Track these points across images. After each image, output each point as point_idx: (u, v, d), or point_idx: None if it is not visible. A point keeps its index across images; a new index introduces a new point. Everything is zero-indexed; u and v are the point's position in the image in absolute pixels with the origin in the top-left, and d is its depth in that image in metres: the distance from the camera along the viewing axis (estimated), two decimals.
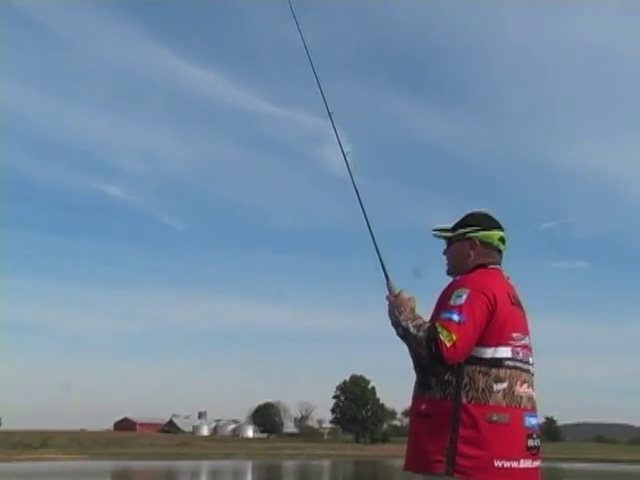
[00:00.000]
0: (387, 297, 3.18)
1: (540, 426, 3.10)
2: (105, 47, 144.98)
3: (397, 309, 3.05)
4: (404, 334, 2.97)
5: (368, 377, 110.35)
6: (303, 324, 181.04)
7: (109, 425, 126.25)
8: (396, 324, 3.02)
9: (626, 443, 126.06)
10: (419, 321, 2.96)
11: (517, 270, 3.24)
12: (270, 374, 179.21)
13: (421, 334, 2.87)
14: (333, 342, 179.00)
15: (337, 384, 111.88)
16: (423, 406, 2.97)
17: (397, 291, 3.17)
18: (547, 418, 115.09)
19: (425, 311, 3.08)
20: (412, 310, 3.05)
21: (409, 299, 3.11)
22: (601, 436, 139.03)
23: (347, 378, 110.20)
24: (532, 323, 3.16)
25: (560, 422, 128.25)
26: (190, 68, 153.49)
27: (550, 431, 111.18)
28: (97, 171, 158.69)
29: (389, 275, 3.26)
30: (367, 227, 3.36)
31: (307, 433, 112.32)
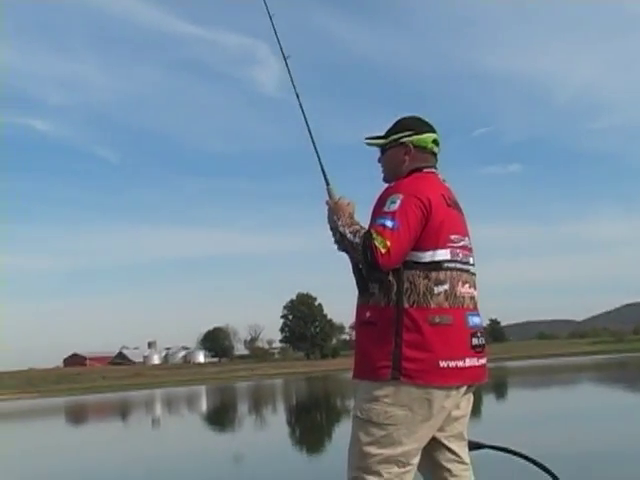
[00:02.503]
0: (327, 202, 3.14)
1: (484, 326, 3.13)
2: None
3: (336, 214, 3.01)
4: (341, 240, 2.94)
5: (314, 294, 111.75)
6: (244, 248, 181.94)
7: (58, 362, 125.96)
8: (334, 230, 2.99)
9: (566, 337, 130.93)
10: (356, 227, 2.93)
11: (452, 177, 3.21)
12: (216, 299, 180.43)
13: (357, 240, 2.85)
14: (276, 263, 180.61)
15: (284, 304, 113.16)
16: (367, 314, 2.95)
17: (337, 197, 3.13)
18: (491, 320, 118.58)
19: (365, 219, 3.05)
20: (351, 216, 3.01)
21: (348, 204, 3.07)
22: (543, 333, 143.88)
23: (294, 297, 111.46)
24: (470, 229, 3.13)
25: (504, 323, 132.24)
26: None
27: (494, 332, 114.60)
28: (21, 105, 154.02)
29: (329, 180, 3.22)
30: (307, 131, 3.31)
31: (258, 354, 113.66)
